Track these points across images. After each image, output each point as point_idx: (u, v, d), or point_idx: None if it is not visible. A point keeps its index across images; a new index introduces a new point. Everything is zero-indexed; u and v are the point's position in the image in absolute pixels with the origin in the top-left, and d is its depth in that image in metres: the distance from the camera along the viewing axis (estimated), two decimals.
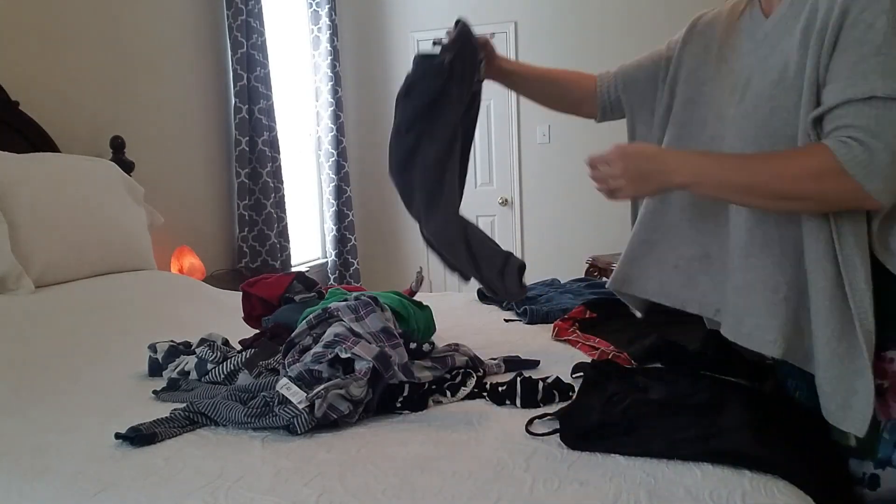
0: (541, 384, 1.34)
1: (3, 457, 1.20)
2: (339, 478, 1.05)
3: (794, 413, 1.22)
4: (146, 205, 2.82)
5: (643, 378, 1.36)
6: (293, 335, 1.48)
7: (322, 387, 1.24)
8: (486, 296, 2.33)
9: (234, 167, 3.84)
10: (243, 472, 1.09)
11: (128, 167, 2.94)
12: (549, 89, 1.55)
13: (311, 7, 4.64)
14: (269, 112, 3.92)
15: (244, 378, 1.50)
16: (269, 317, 1.81)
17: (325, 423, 1.23)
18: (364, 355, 1.30)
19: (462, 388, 1.39)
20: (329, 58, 4.66)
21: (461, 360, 1.49)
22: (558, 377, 1.37)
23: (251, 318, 1.91)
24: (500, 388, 1.35)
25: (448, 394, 1.38)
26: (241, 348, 1.68)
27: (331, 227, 4.82)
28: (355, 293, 1.62)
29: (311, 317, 1.49)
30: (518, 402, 1.32)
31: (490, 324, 2.02)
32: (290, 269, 3.98)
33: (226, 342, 1.69)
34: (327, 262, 4.86)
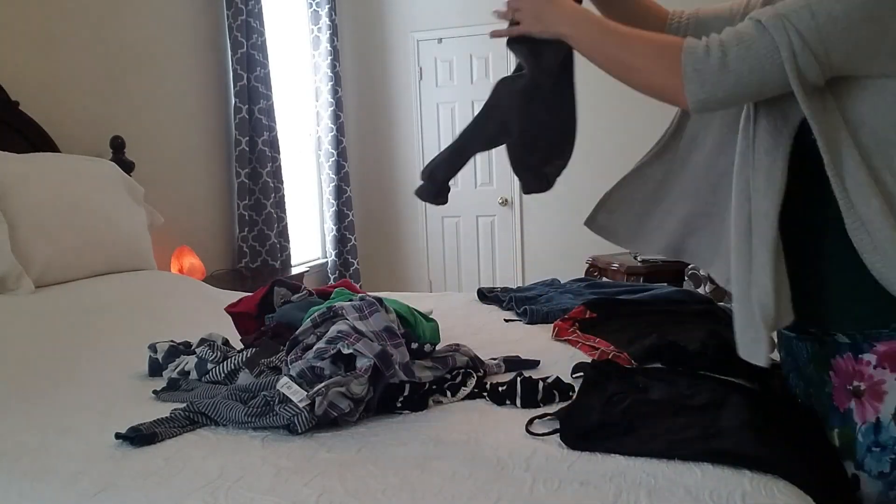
0: (541, 384, 1.34)
1: (2, 457, 1.20)
2: (339, 478, 1.05)
3: (795, 413, 1.22)
4: (146, 205, 2.82)
5: (643, 378, 1.36)
6: (297, 333, 1.48)
7: (322, 385, 1.24)
8: (485, 296, 2.33)
9: (234, 167, 3.84)
10: (243, 472, 1.09)
11: (128, 167, 2.94)
12: (628, 6, 1.44)
13: (311, 7, 4.64)
14: (269, 112, 3.92)
15: (244, 377, 1.50)
16: (272, 315, 1.81)
17: (325, 421, 1.23)
18: (365, 352, 1.30)
19: (462, 388, 1.39)
20: (329, 58, 4.66)
21: (462, 361, 1.49)
22: (558, 377, 1.37)
23: (248, 334, 1.91)
24: (500, 388, 1.35)
25: (448, 394, 1.38)
26: (242, 347, 1.68)
27: (331, 227, 4.82)
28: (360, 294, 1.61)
29: (316, 315, 1.49)
30: (518, 402, 1.32)
31: (490, 324, 2.02)
32: (290, 269, 3.98)
33: (226, 342, 1.69)
34: (327, 262, 4.86)
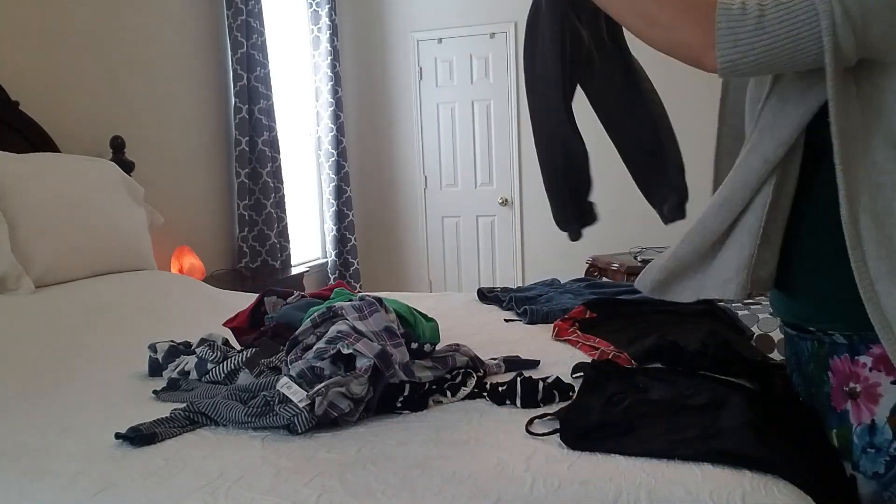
0: (541, 384, 1.34)
1: (3, 457, 1.20)
2: (339, 478, 1.05)
3: (796, 413, 1.22)
4: (146, 205, 2.82)
5: (643, 378, 1.36)
6: (297, 333, 1.48)
7: (322, 385, 1.24)
8: (485, 296, 2.33)
9: (234, 167, 3.84)
10: (243, 472, 1.09)
11: (128, 167, 2.94)
12: None
13: (311, 7, 4.64)
14: (269, 112, 3.92)
15: (244, 377, 1.50)
16: (272, 315, 1.81)
17: (325, 421, 1.23)
18: (365, 352, 1.30)
19: (462, 388, 1.39)
20: (329, 58, 4.66)
21: (462, 361, 1.49)
22: (558, 377, 1.37)
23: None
24: (500, 388, 1.35)
25: (448, 394, 1.38)
26: (242, 347, 1.68)
27: (331, 227, 4.83)
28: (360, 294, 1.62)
29: (316, 315, 1.49)
30: (518, 402, 1.32)
31: (490, 324, 2.02)
32: (290, 269, 3.98)
33: (226, 342, 1.69)
34: (327, 262, 4.86)
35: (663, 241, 4.48)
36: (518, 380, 1.35)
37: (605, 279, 3.82)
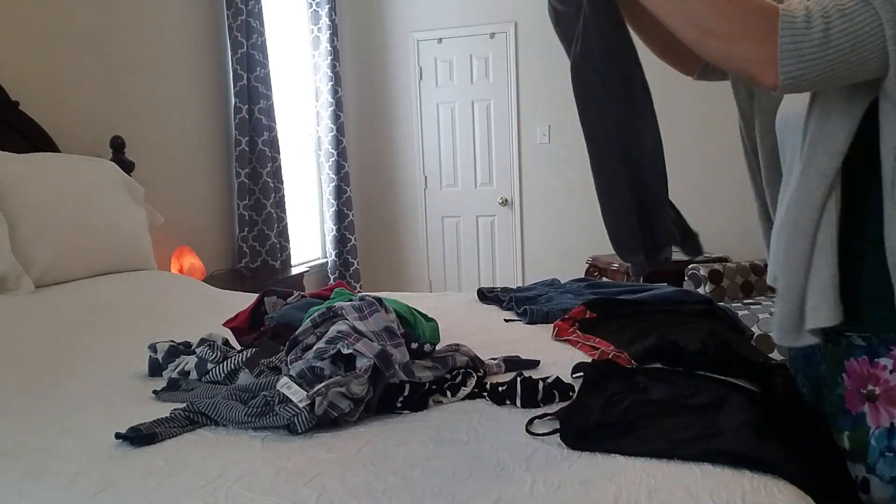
0: (541, 384, 1.34)
1: (3, 457, 1.20)
2: (339, 478, 1.05)
3: (797, 413, 1.21)
4: (146, 205, 2.82)
5: (643, 378, 1.36)
6: (297, 333, 1.48)
7: (322, 385, 1.24)
8: (485, 296, 2.33)
9: (234, 167, 3.84)
10: (243, 472, 1.09)
11: (128, 167, 2.94)
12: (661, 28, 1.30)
13: (311, 7, 4.64)
14: (269, 112, 3.92)
15: (245, 377, 1.50)
16: (272, 315, 1.81)
17: (325, 421, 1.23)
18: (365, 352, 1.30)
19: (462, 388, 1.39)
20: (329, 58, 4.66)
21: (462, 361, 1.49)
22: (558, 377, 1.37)
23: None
24: (500, 388, 1.35)
25: (448, 394, 1.38)
26: (242, 347, 1.68)
27: (331, 227, 4.83)
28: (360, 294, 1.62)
29: (316, 315, 1.49)
30: (518, 402, 1.32)
31: (490, 324, 2.02)
32: (290, 269, 3.98)
33: (226, 342, 1.69)
34: (327, 262, 4.86)
35: None
36: (518, 380, 1.35)
37: (605, 279, 3.82)
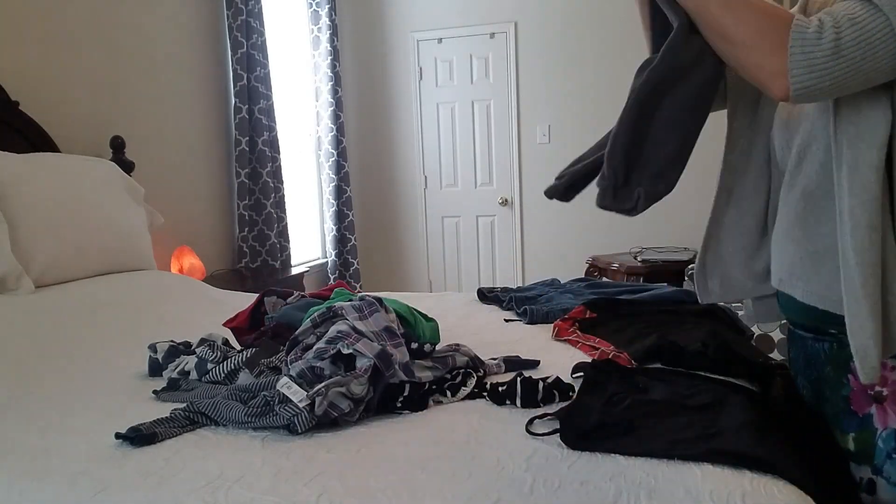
0: (541, 384, 1.34)
1: (3, 457, 1.20)
2: (339, 478, 1.05)
3: (797, 414, 1.22)
4: (146, 205, 2.82)
5: (643, 378, 1.36)
6: (297, 333, 1.48)
7: (322, 385, 1.24)
8: (485, 296, 2.33)
9: (234, 167, 3.85)
10: (243, 472, 1.09)
11: (128, 167, 2.94)
12: None
13: (311, 7, 4.64)
14: (269, 112, 3.92)
15: (245, 377, 1.50)
16: (272, 315, 1.81)
17: (325, 421, 1.23)
18: (365, 352, 1.30)
19: (462, 388, 1.39)
20: (329, 58, 4.66)
21: (462, 360, 1.49)
22: (558, 377, 1.37)
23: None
24: (500, 388, 1.35)
25: (448, 394, 1.38)
26: (242, 347, 1.68)
27: (331, 227, 4.83)
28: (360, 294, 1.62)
29: (316, 315, 1.49)
30: (518, 402, 1.32)
31: (490, 324, 2.02)
32: (290, 269, 3.98)
33: (226, 342, 1.69)
34: (327, 262, 4.86)
35: (663, 242, 4.48)
36: (518, 380, 1.35)
37: (605, 279, 3.82)
